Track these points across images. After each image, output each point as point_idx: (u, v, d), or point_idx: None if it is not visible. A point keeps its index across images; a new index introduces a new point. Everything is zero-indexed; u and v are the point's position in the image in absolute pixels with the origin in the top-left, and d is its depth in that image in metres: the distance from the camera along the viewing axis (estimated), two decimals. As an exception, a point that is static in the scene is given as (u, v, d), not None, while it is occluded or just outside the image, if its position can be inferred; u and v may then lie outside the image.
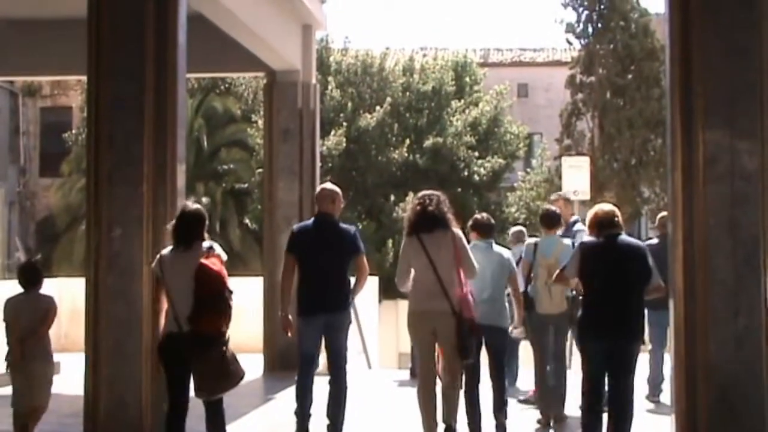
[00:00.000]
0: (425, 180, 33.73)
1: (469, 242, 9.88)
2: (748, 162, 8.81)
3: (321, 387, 9.98)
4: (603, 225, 8.92)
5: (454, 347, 9.23)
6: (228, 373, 8.40)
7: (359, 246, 9.93)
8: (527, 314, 10.87)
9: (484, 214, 10.64)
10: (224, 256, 8.62)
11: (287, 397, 13.42)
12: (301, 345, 9.95)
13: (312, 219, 10.33)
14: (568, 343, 11.80)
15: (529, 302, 10.95)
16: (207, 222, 8.79)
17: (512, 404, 10.95)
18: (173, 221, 8.75)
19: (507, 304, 10.38)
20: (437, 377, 9.61)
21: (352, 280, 10.04)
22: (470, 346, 9.28)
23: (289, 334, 10.03)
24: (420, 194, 9.67)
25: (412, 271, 9.45)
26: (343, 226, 10.08)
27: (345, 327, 9.95)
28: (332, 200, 10.06)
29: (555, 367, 11.18)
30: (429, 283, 9.27)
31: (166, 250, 8.73)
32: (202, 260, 8.36)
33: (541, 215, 11.60)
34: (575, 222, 12.29)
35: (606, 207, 9.16)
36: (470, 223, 10.49)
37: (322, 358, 10.29)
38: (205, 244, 8.60)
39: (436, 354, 9.52)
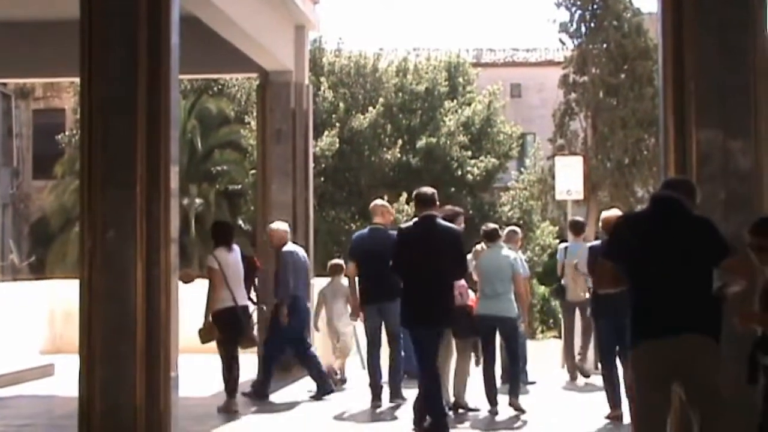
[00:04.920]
0: (418, 180, 33.70)
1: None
2: (742, 161, 8.80)
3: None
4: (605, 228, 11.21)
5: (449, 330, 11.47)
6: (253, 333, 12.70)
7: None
8: (560, 301, 15.27)
9: (493, 225, 12.76)
10: None
11: (281, 398, 13.44)
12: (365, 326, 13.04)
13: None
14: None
15: (561, 291, 14.59)
16: None
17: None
18: (221, 230, 12.74)
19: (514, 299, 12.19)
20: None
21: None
22: (459, 326, 11.44)
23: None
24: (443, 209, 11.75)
25: None
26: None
27: (395, 312, 11.69)
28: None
29: (582, 339, 14.62)
30: None
31: (218, 251, 12.18)
32: (250, 256, 13.07)
33: (570, 224, 14.96)
34: None
35: (608, 213, 11.56)
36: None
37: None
38: (235, 245, 12.49)
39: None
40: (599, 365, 11.95)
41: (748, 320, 6.82)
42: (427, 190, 10.97)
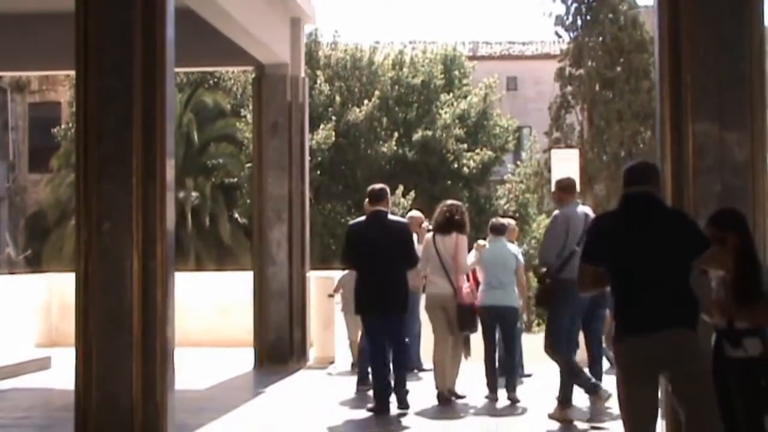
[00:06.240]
0: (414, 173, 33.82)
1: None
2: (738, 153, 8.81)
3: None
4: None
5: (454, 321, 11.99)
6: None
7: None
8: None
9: (502, 219, 13.18)
10: None
11: (277, 390, 13.45)
12: None
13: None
14: None
15: None
16: None
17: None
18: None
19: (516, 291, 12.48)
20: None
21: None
22: (466, 321, 11.98)
23: None
24: (447, 203, 12.45)
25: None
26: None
27: None
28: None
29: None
30: (439, 272, 12.07)
31: None
32: None
33: None
34: None
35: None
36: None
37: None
38: None
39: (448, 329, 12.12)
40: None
41: (720, 314, 6.80)
42: (376, 186, 11.95)
